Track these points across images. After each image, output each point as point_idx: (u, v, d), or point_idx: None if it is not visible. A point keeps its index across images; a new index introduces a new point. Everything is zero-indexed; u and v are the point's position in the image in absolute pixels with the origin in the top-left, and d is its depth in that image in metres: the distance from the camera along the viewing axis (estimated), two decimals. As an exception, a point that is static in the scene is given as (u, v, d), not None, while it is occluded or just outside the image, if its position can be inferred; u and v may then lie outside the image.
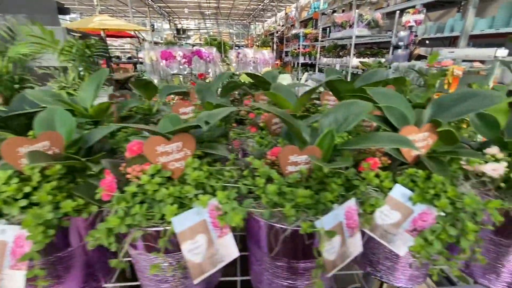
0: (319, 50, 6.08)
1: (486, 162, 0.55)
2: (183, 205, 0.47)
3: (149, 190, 0.45)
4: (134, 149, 0.53)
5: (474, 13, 3.48)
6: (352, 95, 0.74)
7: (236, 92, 1.19)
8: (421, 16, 3.76)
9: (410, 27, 3.79)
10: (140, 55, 3.52)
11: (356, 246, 0.48)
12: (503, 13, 3.33)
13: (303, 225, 0.40)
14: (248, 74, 0.99)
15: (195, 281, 0.44)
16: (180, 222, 0.43)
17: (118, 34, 7.83)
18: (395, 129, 0.57)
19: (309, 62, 6.59)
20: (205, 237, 0.46)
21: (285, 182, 0.48)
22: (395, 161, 0.58)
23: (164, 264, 0.49)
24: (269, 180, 0.49)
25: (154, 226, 0.44)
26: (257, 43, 10.06)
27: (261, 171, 0.48)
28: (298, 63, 6.97)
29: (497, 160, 0.55)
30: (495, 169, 0.53)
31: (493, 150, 0.57)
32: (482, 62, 3.15)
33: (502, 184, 0.52)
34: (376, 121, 0.60)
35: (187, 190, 0.46)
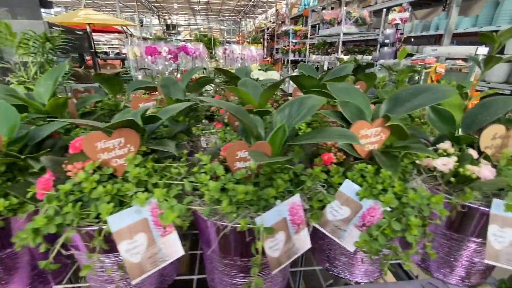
0: (308, 47, 6.08)
1: (439, 157, 0.55)
2: (123, 203, 0.45)
3: (86, 188, 0.43)
4: (77, 146, 0.50)
5: (457, 11, 3.54)
6: (315, 90, 0.74)
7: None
8: (406, 14, 3.80)
9: (396, 25, 3.82)
10: (124, 50, 3.43)
11: (303, 242, 0.48)
12: (486, 12, 3.40)
13: (241, 222, 0.39)
14: (218, 69, 0.97)
15: (133, 282, 0.42)
16: (117, 221, 0.42)
17: (105, 29, 7.63)
18: (350, 124, 0.56)
19: (299, 59, 6.59)
20: (145, 236, 0.44)
21: (233, 179, 0.47)
22: (350, 157, 0.58)
23: (107, 264, 0.47)
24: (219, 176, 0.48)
25: (89, 226, 0.42)
26: (248, 40, 9.99)
27: (207, 167, 0.47)
28: (288, 60, 6.96)
29: (448, 155, 0.55)
30: (445, 164, 0.53)
31: (445, 145, 0.57)
32: (465, 60, 3.21)
33: (452, 179, 0.52)
34: (332, 116, 0.59)
35: (127, 188, 0.44)
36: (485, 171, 0.49)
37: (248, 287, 0.40)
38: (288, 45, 6.86)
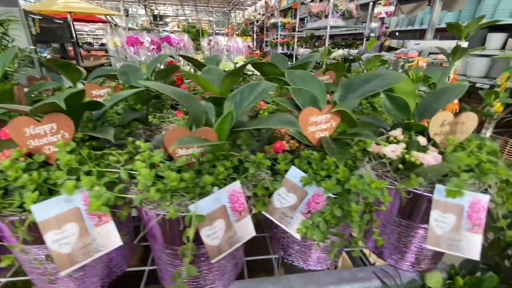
0: (296, 40, 6.04)
1: (388, 144, 0.55)
2: (54, 192, 0.43)
3: (11, 176, 0.40)
4: (7, 132, 0.47)
5: (441, 6, 3.58)
6: (275, 77, 0.72)
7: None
8: (391, 8, 3.82)
9: (382, 18, 3.84)
10: (104, 40, 3.29)
11: (246, 230, 0.47)
12: (470, 7, 3.44)
13: (171, 210, 0.38)
14: (183, 56, 0.94)
15: (62, 273, 0.41)
16: (42, 210, 0.39)
17: (88, 19, 7.33)
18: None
19: (288, 52, 6.55)
20: (77, 226, 0.42)
21: (174, 166, 0.45)
22: (302, 144, 0.57)
23: (37, 255, 0.45)
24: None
25: (11, 215, 0.39)
26: (237, 32, 9.83)
27: (145, 154, 0.45)
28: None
29: (398, 142, 0.55)
30: (394, 151, 0.53)
31: (396, 132, 0.57)
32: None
33: (400, 166, 0.52)
34: (287, 103, 0.58)
35: (57, 176, 0.42)
36: (428, 157, 0.49)
37: (179, 275, 0.39)
38: (277, 38, 6.80)
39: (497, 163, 0.49)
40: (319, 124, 0.53)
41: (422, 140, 0.54)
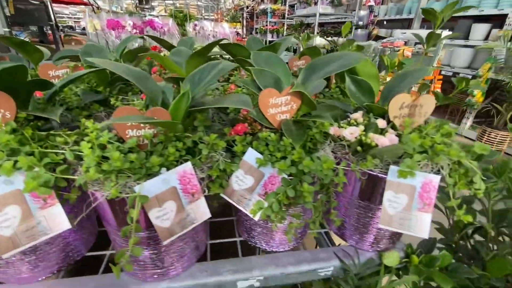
0: (285, 27, 5.94)
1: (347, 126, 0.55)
2: (-6, 173, 0.41)
3: None
4: None
5: (428, -5, 3.57)
6: (241, 59, 0.70)
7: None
8: (380, -4, 3.78)
9: (370, 6, 3.81)
10: (82, 23, 3.12)
11: (200, 212, 0.46)
12: (455, -4, 3.44)
13: (113, 190, 0.37)
14: (151, 37, 0.90)
15: (4, 256, 0.39)
16: (-22, 192, 0.38)
17: (68, 1, 6.94)
18: (263, 93, 0.54)
19: (277, 40, 6.43)
20: (18, 209, 0.40)
21: (123, 148, 0.44)
22: (263, 127, 0.56)
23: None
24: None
25: None
26: (227, 18, 9.56)
27: (93, 135, 0.43)
28: (266, 41, 6.79)
29: (357, 125, 0.55)
30: (352, 133, 0.53)
31: (357, 115, 0.57)
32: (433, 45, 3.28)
33: (359, 148, 0.53)
34: (249, 85, 0.57)
35: (-5, 157, 0.40)
36: (383, 139, 0.49)
37: (122, 255, 0.38)
38: (266, 25, 6.66)
39: (451, 145, 0.50)
40: (279, 106, 0.53)
41: (381, 123, 0.55)
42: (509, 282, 0.60)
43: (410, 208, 0.49)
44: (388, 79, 0.91)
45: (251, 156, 0.49)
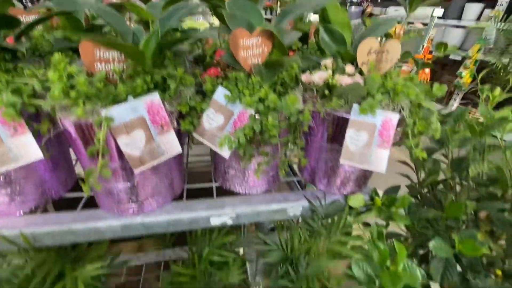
0: (279, 5, 5.76)
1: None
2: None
3: None
4: None
5: (424, -29, 3.49)
6: (216, 4, 0.70)
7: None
8: (376, -29, 3.68)
9: (365, -18, 3.72)
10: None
11: (171, 145, 0.48)
12: (451, -27, 3.38)
13: (79, 111, 0.38)
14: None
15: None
16: None
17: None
18: (235, 37, 0.55)
19: (271, 18, 6.27)
20: (-11, 133, 0.42)
21: (92, 80, 0.44)
22: (236, 71, 0.57)
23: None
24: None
25: None
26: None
27: (59, 67, 0.44)
28: (260, 20, 6.59)
29: (326, 70, 0.57)
30: (321, 77, 0.55)
31: (327, 61, 0.59)
32: (424, 24, 3.27)
33: (327, 92, 0.55)
34: (222, 30, 0.58)
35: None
36: (347, 79, 0.51)
37: (90, 173, 0.41)
38: (260, 3, 6.44)
39: (411, 86, 0.52)
40: (250, 48, 0.54)
41: (349, 68, 0.56)
42: (464, 222, 0.65)
43: (370, 145, 0.52)
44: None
45: (221, 94, 0.50)
